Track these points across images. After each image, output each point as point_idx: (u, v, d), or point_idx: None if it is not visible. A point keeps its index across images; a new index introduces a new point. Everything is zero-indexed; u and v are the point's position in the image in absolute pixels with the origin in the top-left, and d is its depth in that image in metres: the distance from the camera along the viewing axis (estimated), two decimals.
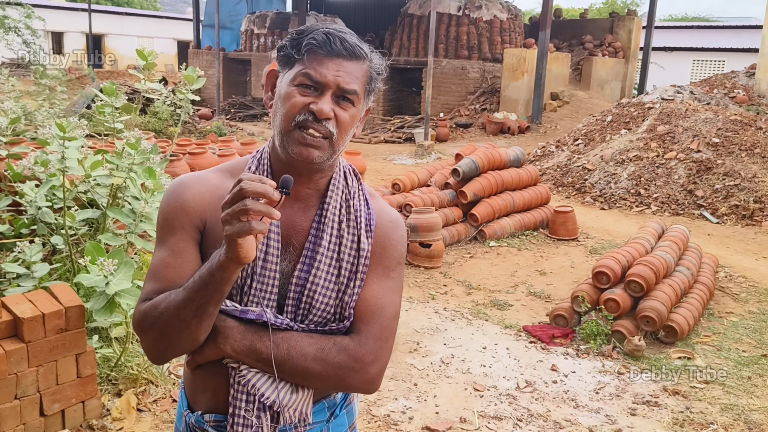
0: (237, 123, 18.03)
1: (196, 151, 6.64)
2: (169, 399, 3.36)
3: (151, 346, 1.26)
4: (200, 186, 1.32)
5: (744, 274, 6.17)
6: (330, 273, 1.30)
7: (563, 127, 15.25)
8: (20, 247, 3.17)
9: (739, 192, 8.60)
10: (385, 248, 1.36)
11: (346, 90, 1.23)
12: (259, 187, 1.05)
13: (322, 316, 1.30)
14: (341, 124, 1.24)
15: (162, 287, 1.25)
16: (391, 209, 1.43)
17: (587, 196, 9.53)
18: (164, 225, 1.31)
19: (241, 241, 1.07)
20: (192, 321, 1.18)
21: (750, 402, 3.71)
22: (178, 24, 35.61)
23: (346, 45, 1.23)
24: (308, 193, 1.33)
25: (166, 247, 1.29)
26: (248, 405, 1.26)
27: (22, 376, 2.80)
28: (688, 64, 27.62)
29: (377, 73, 1.31)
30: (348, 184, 1.37)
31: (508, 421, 3.47)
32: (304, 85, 1.23)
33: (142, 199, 3.29)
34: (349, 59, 1.24)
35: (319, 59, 1.22)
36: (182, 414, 1.40)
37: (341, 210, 1.33)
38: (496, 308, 5.24)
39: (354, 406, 1.48)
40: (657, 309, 4.42)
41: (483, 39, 18.19)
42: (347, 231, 1.32)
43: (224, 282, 1.14)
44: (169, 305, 1.19)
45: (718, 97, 13.02)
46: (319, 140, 1.22)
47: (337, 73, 1.22)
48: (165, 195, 1.34)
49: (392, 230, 1.38)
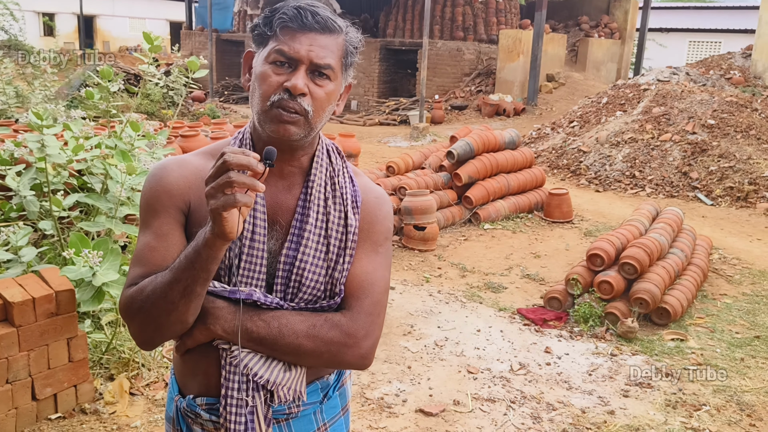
0: (230, 105, 17.92)
1: (188, 133, 6.58)
2: (162, 383, 3.35)
3: (139, 330, 1.23)
4: (182, 169, 1.30)
5: (738, 255, 6.18)
6: (318, 250, 1.29)
7: (559, 109, 15.19)
8: (5, 232, 3.14)
9: (733, 174, 8.60)
10: (372, 224, 1.35)
11: (320, 65, 1.21)
12: (243, 159, 1.04)
13: (312, 294, 1.29)
14: (317, 100, 1.22)
15: (147, 271, 1.22)
16: (375, 186, 1.42)
17: (582, 178, 9.51)
18: (147, 209, 1.29)
19: (226, 214, 1.06)
20: (180, 302, 1.15)
21: (742, 383, 3.73)
22: (170, 5, 35.19)
23: (318, 18, 1.21)
24: (292, 170, 1.32)
25: (150, 231, 1.27)
26: (241, 385, 1.25)
27: (13, 361, 2.79)
28: (685, 45, 27.53)
29: (354, 47, 1.28)
30: (332, 161, 1.35)
31: (501, 403, 3.47)
32: (278, 63, 1.21)
33: (119, 183, 3.25)
34: (322, 33, 1.21)
35: (291, 34, 1.20)
36: (173, 399, 1.38)
37: (326, 187, 1.32)
38: (490, 291, 5.24)
39: (347, 388, 1.47)
40: (650, 291, 4.43)
41: (478, 20, 18.04)
42: (334, 208, 1.31)
43: (211, 260, 1.12)
44: (155, 287, 1.17)
45: (714, 78, 12.97)
46: (295, 116, 1.20)
47: (310, 48, 1.20)
48: (146, 179, 1.31)
49: (378, 206, 1.38)
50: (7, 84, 8.73)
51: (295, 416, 1.33)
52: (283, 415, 1.32)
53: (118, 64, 13.06)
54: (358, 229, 1.33)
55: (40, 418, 2.94)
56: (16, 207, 3.63)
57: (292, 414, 1.32)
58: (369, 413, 3.32)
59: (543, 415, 3.37)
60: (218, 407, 1.28)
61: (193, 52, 22.06)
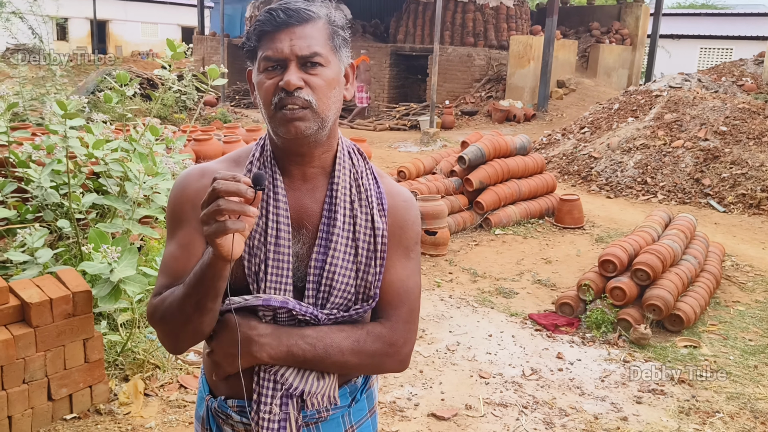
0: (242, 110, 18.00)
1: (201, 137, 6.62)
2: (176, 384, 3.38)
3: (164, 338, 1.29)
4: (205, 179, 1.30)
5: (751, 263, 6.14)
6: (347, 253, 1.29)
7: (569, 115, 15.17)
8: (22, 233, 3.17)
9: (746, 181, 8.55)
10: (402, 229, 1.36)
11: (307, 55, 1.20)
12: (231, 186, 1.05)
13: (343, 297, 1.29)
14: (316, 89, 1.21)
15: (171, 282, 1.27)
16: (401, 188, 1.41)
17: (593, 184, 9.49)
18: (172, 219, 1.33)
19: (220, 241, 1.08)
20: (194, 315, 1.20)
21: (756, 391, 3.71)
22: (182, 10, 35.47)
23: (290, 12, 1.20)
24: (314, 172, 1.31)
25: (175, 240, 1.31)
26: (275, 393, 1.27)
27: (29, 361, 2.82)
28: (696, 51, 27.41)
29: (339, 26, 1.26)
30: (354, 163, 1.35)
31: (513, 408, 3.47)
32: (269, 68, 1.21)
33: (137, 184, 3.28)
34: (299, 24, 1.21)
35: (270, 36, 1.21)
36: (203, 399, 1.40)
37: (351, 189, 1.32)
38: (501, 296, 5.24)
39: (374, 390, 1.48)
40: (663, 297, 4.41)
41: (489, 26, 18.06)
42: (360, 210, 1.31)
43: (216, 278, 1.15)
44: (173, 301, 1.22)
45: (726, 85, 12.92)
46: (300, 111, 1.20)
47: (291, 43, 1.20)
48: (172, 189, 1.35)
49: (406, 210, 1.37)
50: (22, 86, 8.83)
51: (324, 420, 1.35)
52: (313, 419, 1.33)
53: (132, 69, 13.17)
54: (387, 232, 1.32)
55: (55, 418, 2.96)
56: (33, 209, 3.67)
57: (321, 418, 1.34)
58: (381, 417, 3.32)
59: (555, 421, 3.36)
60: (249, 411, 1.30)
61: (205, 57, 22.20)
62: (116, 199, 3.37)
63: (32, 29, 14.04)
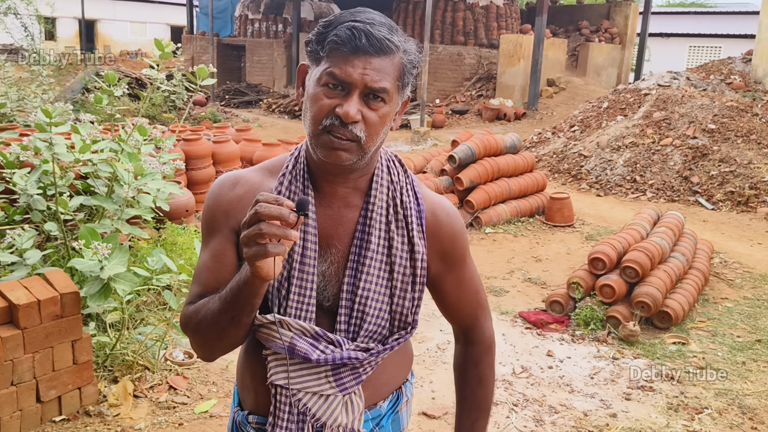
0: (232, 109, 17.95)
1: (191, 137, 6.60)
2: (166, 385, 3.36)
3: (197, 348, 1.28)
4: (238, 187, 1.29)
5: (739, 260, 6.19)
6: (381, 277, 1.25)
7: (559, 113, 15.22)
8: (10, 234, 3.15)
9: (734, 178, 8.61)
10: (453, 244, 1.35)
11: (375, 89, 1.13)
12: (274, 210, 1.02)
13: (376, 324, 1.25)
14: (370, 126, 1.15)
15: (203, 291, 1.26)
16: (444, 200, 1.36)
17: (583, 182, 9.53)
18: (206, 227, 1.30)
19: (260, 263, 1.06)
20: (230, 328, 1.19)
21: (744, 387, 3.74)
22: (171, 9, 35.30)
23: (372, 41, 1.12)
24: (347, 192, 1.26)
25: (208, 249, 1.28)
26: (290, 416, 1.25)
27: (18, 363, 2.80)
28: (685, 50, 27.58)
29: (413, 65, 1.20)
30: (393, 179, 1.29)
31: (503, 406, 3.48)
32: (330, 85, 1.14)
33: (126, 184, 3.26)
34: (377, 55, 1.13)
35: (344, 57, 1.12)
36: (233, 410, 1.40)
37: (389, 209, 1.26)
38: (492, 294, 5.25)
39: (402, 415, 1.43)
40: (652, 294, 4.44)
41: (479, 25, 18.11)
42: (397, 232, 1.26)
43: (252, 296, 1.14)
44: (207, 313, 1.20)
45: (714, 83, 13.00)
46: (347, 143, 1.14)
47: (364, 71, 1.12)
48: (207, 197, 1.32)
49: (452, 224, 1.34)
50: (9, 87, 8.76)
51: None
52: None
53: (120, 68, 13.10)
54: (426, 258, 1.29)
55: (44, 420, 2.95)
56: (20, 210, 3.64)
57: None
58: None
59: (545, 418, 3.38)
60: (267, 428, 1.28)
61: (194, 57, 22.11)
62: (105, 199, 3.35)
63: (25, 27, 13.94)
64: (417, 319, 1.29)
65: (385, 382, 1.34)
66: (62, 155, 3.29)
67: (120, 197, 3.33)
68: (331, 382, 1.24)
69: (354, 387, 1.25)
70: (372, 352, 1.24)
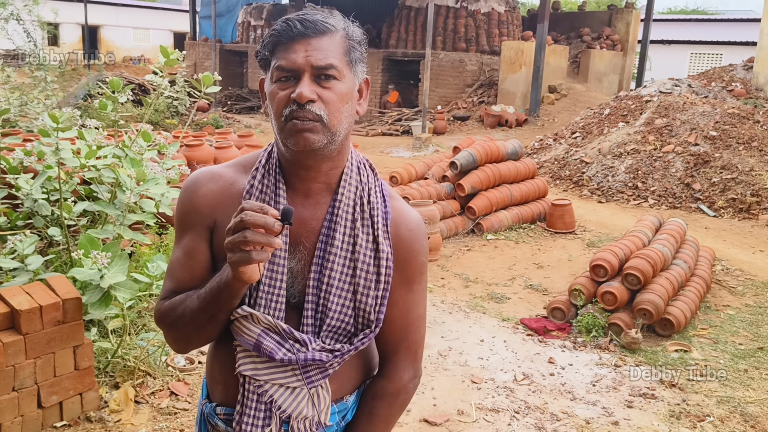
0: (234, 115, 17.99)
1: (193, 143, 6.61)
2: (167, 391, 3.36)
3: (172, 342, 1.33)
4: (212, 184, 1.31)
5: (741, 267, 6.18)
6: (344, 273, 1.27)
7: (561, 120, 15.24)
8: (12, 240, 3.16)
9: (736, 185, 8.61)
10: (406, 262, 1.32)
11: (322, 66, 1.17)
12: (259, 219, 1.06)
13: (339, 319, 1.27)
14: (329, 103, 1.18)
15: (177, 287, 1.30)
16: (411, 212, 1.36)
17: (585, 189, 9.53)
18: (179, 224, 1.33)
19: (243, 269, 1.09)
20: (208, 326, 1.24)
21: (746, 394, 3.73)
22: (174, 15, 35.42)
23: (307, 24, 1.19)
24: (318, 188, 1.28)
25: (181, 246, 1.32)
26: (258, 410, 1.27)
27: (19, 368, 2.80)
28: (686, 57, 27.61)
29: (357, 41, 1.24)
30: (362, 179, 1.31)
31: (505, 413, 3.48)
32: (282, 79, 1.19)
33: (128, 190, 3.27)
34: (315, 36, 1.19)
35: (286, 46, 1.19)
36: (201, 403, 1.41)
37: (355, 207, 1.29)
38: (493, 301, 5.25)
39: None
40: (654, 302, 4.43)
41: (481, 31, 18.14)
42: (362, 230, 1.28)
43: (232, 297, 1.19)
44: (185, 310, 1.25)
45: (716, 90, 13.01)
46: (310, 124, 1.17)
47: (306, 53, 1.17)
48: (180, 193, 1.34)
49: (411, 242, 1.33)
50: (11, 92, 8.79)
51: None
52: None
53: (123, 75, 13.14)
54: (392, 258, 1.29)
55: (45, 426, 2.94)
56: (23, 215, 3.65)
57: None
58: None
59: (547, 426, 3.37)
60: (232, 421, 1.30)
61: (197, 63, 22.19)
62: (107, 204, 3.36)
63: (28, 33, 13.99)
64: (381, 318, 1.29)
65: (352, 377, 1.36)
66: (68, 160, 3.31)
67: (122, 203, 3.34)
68: (297, 376, 1.26)
69: (321, 381, 1.28)
70: (336, 354, 1.26)
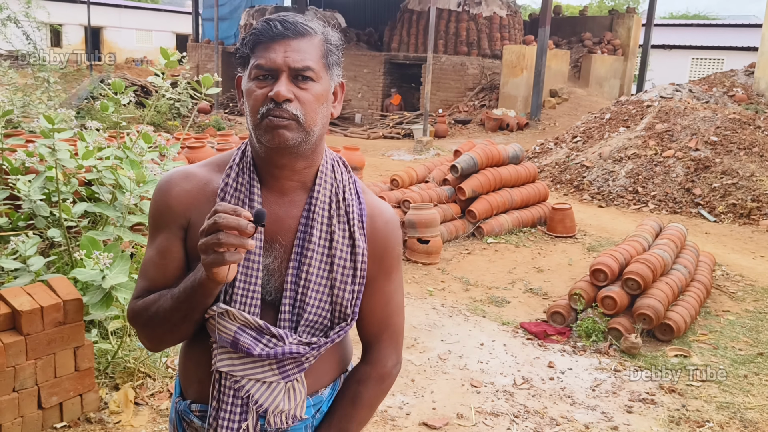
0: (236, 117, 18.01)
1: (195, 145, 6.62)
2: (167, 393, 3.37)
3: (146, 340, 1.34)
4: (186, 183, 1.32)
5: (741, 272, 6.18)
6: (322, 269, 1.29)
7: (562, 124, 15.25)
8: (14, 241, 3.17)
9: (736, 191, 8.62)
10: (383, 254, 1.36)
11: (299, 68, 1.20)
12: (232, 221, 1.08)
13: (317, 314, 1.29)
14: (305, 104, 1.21)
15: (149, 286, 1.31)
16: (383, 206, 1.40)
17: (585, 193, 9.54)
18: (152, 223, 1.34)
19: (217, 269, 1.11)
20: (182, 325, 1.26)
21: (746, 400, 3.73)
22: (176, 17, 35.49)
23: (287, 25, 1.21)
24: (293, 186, 1.30)
25: (154, 245, 1.33)
26: (234, 405, 1.28)
27: (20, 369, 2.80)
28: (687, 62, 27.62)
29: (334, 45, 1.27)
30: (336, 177, 1.34)
31: (504, 417, 3.48)
32: (260, 77, 1.21)
33: (128, 191, 3.28)
34: (294, 38, 1.21)
35: (265, 46, 1.21)
36: (175, 401, 1.42)
37: (331, 204, 1.31)
38: (493, 305, 5.25)
39: None
40: (654, 307, 4.43)
41: (482, 35, 18.17)
42: (338, 227, 1.31)
43: (205, 296, 1.20)
44: (158, 310, 1.26)
45: (716, 95, 13.03)
46: (286, 121, 1.19)
47: (285, 54, 1.20)
48: (154, 193, 1.35)
49: (387, 233, 1.37)
50: (14, 93, 8.81)
51: (286, 430, 1.34)
52: (273, 430, 1.33)
53: (126, 76, 13.16)
54: (367, 257, 1.32)
55: (45, 427, 2.95)
56: (24, 216, 3.66)
57: (281, 429, 1.33)
58: (372, 426, 3.33)
59: (546, 430, 3.37)
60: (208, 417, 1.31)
61: (199, 65, 22.22)
62: (107, 206, 3.37)
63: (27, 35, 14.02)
64: (357, 311, 1.32)
65: (327, 371, 1.39)
66: (65, 161, 3.31)
67: (122, 204, 3.34)
68: (274, 370, 1.28)
69: (296, 375, 1.29)
70: (313, 346, 1.28)
